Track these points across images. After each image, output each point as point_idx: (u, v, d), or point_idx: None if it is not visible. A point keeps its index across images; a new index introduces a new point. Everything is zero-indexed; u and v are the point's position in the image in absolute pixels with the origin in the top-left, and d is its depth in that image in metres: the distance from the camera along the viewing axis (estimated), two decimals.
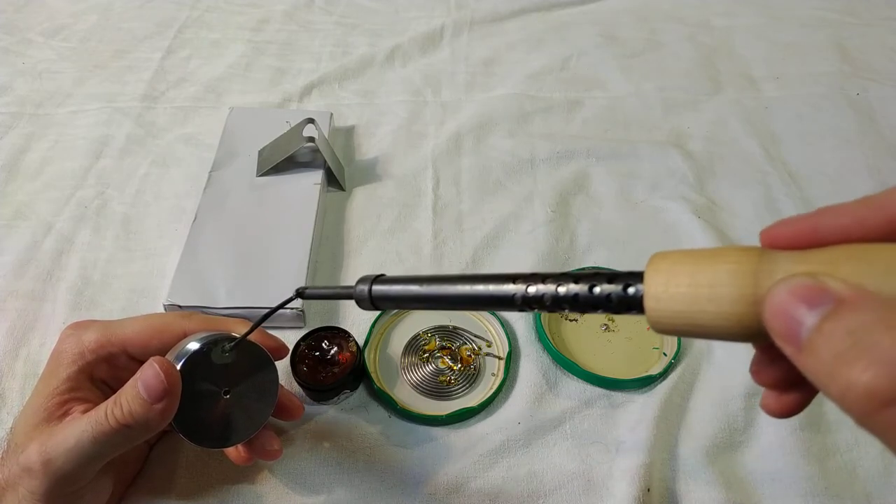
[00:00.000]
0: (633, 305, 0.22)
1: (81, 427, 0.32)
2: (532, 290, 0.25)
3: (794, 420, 0.45)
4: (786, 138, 0.70)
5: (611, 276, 0.23)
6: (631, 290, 0.22)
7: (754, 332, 0.20)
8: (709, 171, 0.65)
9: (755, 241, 0.22)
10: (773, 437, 0.45)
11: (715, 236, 0.57)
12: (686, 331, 0.21)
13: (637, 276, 0.22)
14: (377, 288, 0.31)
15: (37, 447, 0.32)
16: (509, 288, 0.26)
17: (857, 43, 0.84)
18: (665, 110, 0.73)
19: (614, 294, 0.23)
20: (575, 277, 0.24)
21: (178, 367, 0.33)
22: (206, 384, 0.35)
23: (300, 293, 0.35)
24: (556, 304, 0.25)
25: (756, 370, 0.24)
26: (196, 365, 0.34)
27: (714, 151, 0.68)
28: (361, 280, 0.31)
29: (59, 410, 0.34)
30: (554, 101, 0.73)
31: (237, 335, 0.36)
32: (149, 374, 0.32)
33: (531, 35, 0.84)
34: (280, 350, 0.39)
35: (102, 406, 0.32)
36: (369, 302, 0.31)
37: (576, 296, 0.24)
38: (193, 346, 0.35)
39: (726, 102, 0.74)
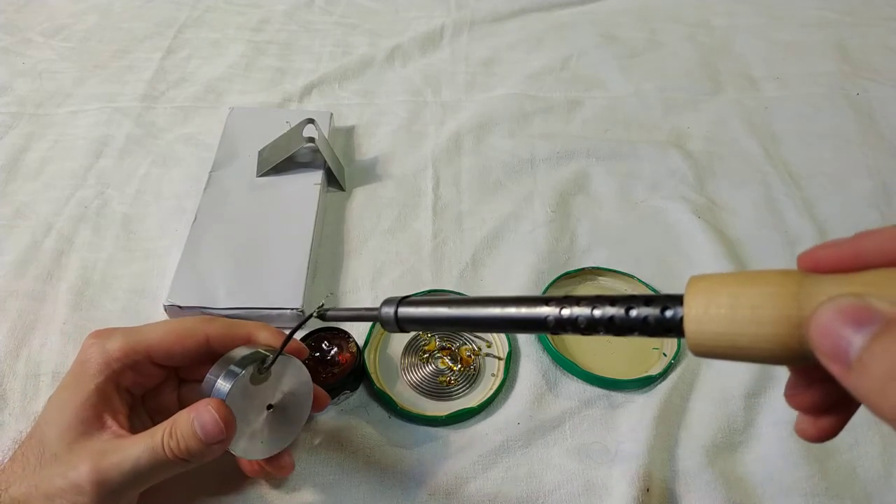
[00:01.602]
0: (672, 328, 0.22)
1: (138, 452, 0.32)
2: (566, 312, 0.25)
3: (794, 420, 0.45)
4: (786, 138, 0.70)
5: (648, 299, 0.23)
6: (669, 312, 0.22)
7: (795, 355, 0.20)
8: (709, 171, 0.65)
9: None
10: (772, 437, 0.45)
11: (715, 236, 0.57)
12: (726, 353, 0.21)
13: (675, 299, 0.22)
14: (403, 311, 0.30)
15: (89, 466, 0.32)
16: (542, 310, 0.25)
17: (857, 43, 0.84)
18: (665, 110, 0.73)
19: (652, 317, 0.23)
20: (611, 300, 0.24)
21: (225, 398, 0.34)
22: (250, 405, 0.36)
23: (321, 315, 0.35)
24: (591, 326, 0.24)
25: (791, 394, 0.25)
26: (240, 390, 0.35)
27: (714, 151, 0.68)
28: (387, 302, 0.31)
29: (95, 423, 0.34)
30: (554, 101, 0.73)
31: (264, 350, 0.37)
32: (207, 420, 0.33)
33: (531, 35, 0.84)
34: (301, 351, 0.39)
35: (157, 433, 0.33)
36: (395, 324, 0.30)
37: (612, 318, 0.24)
38: (234, 370, 0.35)
39: (726, 102, 0.74)
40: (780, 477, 0.43)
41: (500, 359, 0.49)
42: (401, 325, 0.31)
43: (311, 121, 0.60)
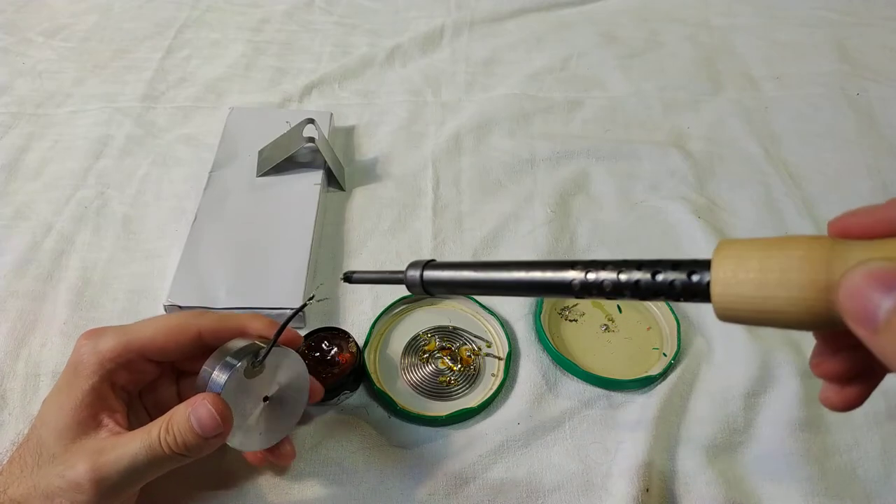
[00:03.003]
0: (698, 292, 0.22)
1: (135, 449, 0.33)
2: (592, 276, 0.25)
3: (794, 420, 0.45)
4: (786, 138, 0.70)
5: (675, 263, 0.23)
6: (696, 277, 0.22)
7: (822, 319, 0.20)
8: (709, 171, 0.65)
9: None
10: (772, 437, 0.45)
11: (715, 236, 0.57)
12: (753, 317, 0.21)
13: (702, 264, 0.22)
14: (429, 273, 0.30)
15: (87, 465, 0.32)
16: (568, 274, 0.26)
17: (857, 43, 0.84)
18: (665, 110, 0.73)
19: (678, 281, 0.23)
20: (638, 264, 0.24)
21: (221, 391, 0.34)
22: (246, 397, 0.36)
23: (347, 277, 0.35)
24: (617, 290, 0.24)
25: (817, 362, 0.24)
26: (235, 383, 0.35)
27: (714, 151, 0.68)
28: (412, 265, 0.31)
29: (92, 423, 0.34)
30: (554, 101, 0.73)
31: (259, 342, 0.37)
32: (203, 414, 0.33)
33: (531, 35, 0.84)
34: (295, 341, 0.39)
35: (154, 429, 0.33)
36: (420, 287, 0.31)
37: (637, 282, 0.24)
38: (230, 362, 0.35)
39: (726, 102, 0.74)
40: (780, 477, 0.43)
41: (500, 359, 0.49)
42: (426, 287, 0.31)
43: (311, 121, 0.60)
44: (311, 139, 0.58)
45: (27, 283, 0.53)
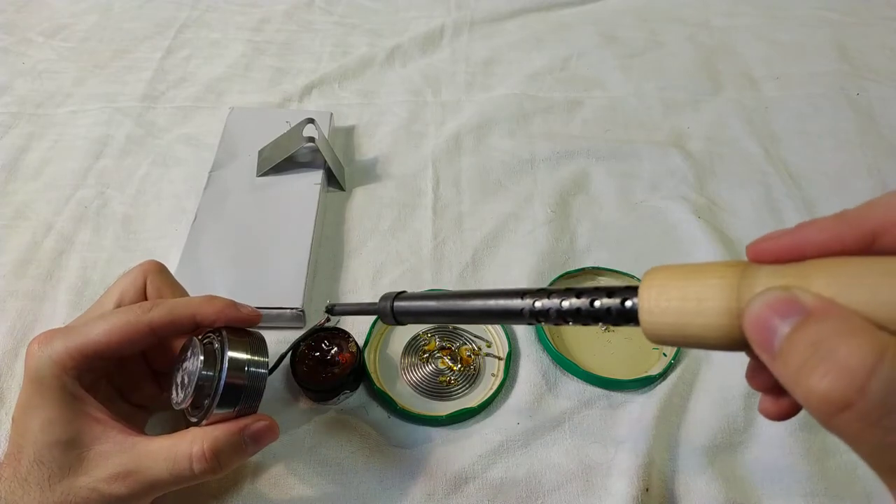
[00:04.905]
0: (631, 318, 0.24)
1: (158, 470, 0.34)
2: (539, 304, 0.27)
3: (794, 420, 0.45)
4: (786, 138, 0.70)
5: (610, 291, 0.25)
6: (628, 303, 0.24)
7: (740, 343, 0.21)
8: (709, 171, 0.65)
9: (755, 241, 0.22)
10: (772, 437, 0.45)
11: (715, 236, 0.57)
12: (678, 341, 0.22)
13: (634, 291, 0.24)
14: (398, 304, 0.34)
15: (115, 469, 0.34)
16: (518, 303, 0.28)
17: (857, 43, 0.84)
18: (665, 110, 0.73)
19: (613, 307, 0.25)
20: (577, 292, 0.26)
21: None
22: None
23: (329, 309, 0.39)
24: (561, 317, 0.27)
25: (751, 376, 0.26)
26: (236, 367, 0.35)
27: (714, 151, 0.68)
28: (384, 297, 0.34)
29: (91, 427, 0.34)
30: (554, 101, 0.73)
31: (251, 341, 0.37)
32: (260, 429, 0.36)
33: (531, 35, 0.84)
34: (253, 320, 0.39)
35: (182, 451, 0.34)
36: (392, 317, 0.34)
37: (578, 310, 0.26)
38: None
39: (726, 102, 0.74)
40: (780, 477, 0.43)
41: (500, 359, 0.49)
42: (397, 317, 0.34)
43: (311, 121, 0.60)
44: (311, 139, 0.58)
45: (27, 282, 0.53)
